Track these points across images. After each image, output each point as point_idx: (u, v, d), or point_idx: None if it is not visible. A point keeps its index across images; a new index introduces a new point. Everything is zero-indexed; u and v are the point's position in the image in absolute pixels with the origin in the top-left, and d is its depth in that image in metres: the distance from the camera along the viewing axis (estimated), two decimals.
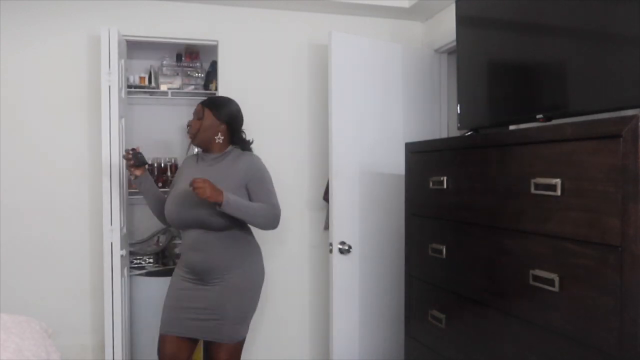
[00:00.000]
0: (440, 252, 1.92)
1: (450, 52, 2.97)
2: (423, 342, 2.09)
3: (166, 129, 3.39)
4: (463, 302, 1.82)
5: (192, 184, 1.89)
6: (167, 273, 2.95)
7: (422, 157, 2.11)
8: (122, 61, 2.65)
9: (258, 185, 2.10)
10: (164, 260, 3.13)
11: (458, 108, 2.12)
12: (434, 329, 1.99)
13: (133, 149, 2.16)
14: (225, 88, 2.87)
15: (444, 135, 3.00)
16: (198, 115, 2.13)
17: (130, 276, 2.84)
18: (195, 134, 2.13)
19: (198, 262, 2.04)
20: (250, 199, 2.09)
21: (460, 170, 1.84)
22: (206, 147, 2.16)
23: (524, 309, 1.51)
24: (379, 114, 2.77)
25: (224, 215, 1.98)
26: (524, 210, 1.50)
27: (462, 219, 1.82)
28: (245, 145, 2.22)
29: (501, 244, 1.61)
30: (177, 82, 3.22)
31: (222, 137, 2.14)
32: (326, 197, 2.77)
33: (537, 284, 1.43)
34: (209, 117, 2.11)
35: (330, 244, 2.60)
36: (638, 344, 1.16)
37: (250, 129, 2.47)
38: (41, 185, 2.66)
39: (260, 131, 2.65)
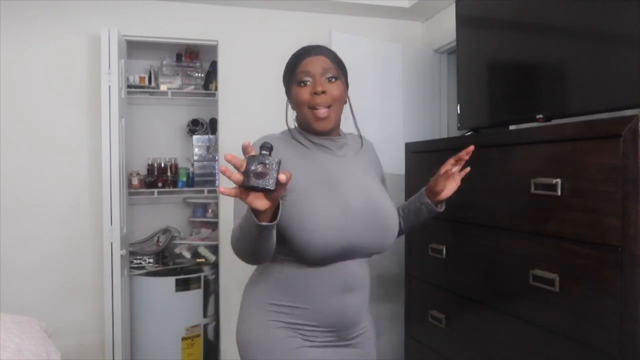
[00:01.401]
0: (440, 252, 1.92)
1: (450, 52, 2.97)
2: (423, 342, 2.09)
3: (166, 129, 3.40)
4: (463, 302, 1.81)
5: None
6: (167, 273, 2.97)
7: (422, 157, 2.11)
8: (122, 61, 2.65)
9: (384, 179, 1.46)
10: (164, 260, 3.13)
11: (458, 108, 2.12)
12: (434, 329, 1.99)
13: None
14: (225, 88, 2.88)
15: (444, 135, 3.00)
16: (332, 74, 1.24)
17: (130, 276, 2.84)
18: (333, 105, 1.24)
19: (352, 308, 1.25)
20: None
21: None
22: (333, 129, 1.28)
23: (524, 309, 1.51)
24: (379, 114, 2.77)
25: None
26: (524, 210, 1.50)
27: (462, 219, 1.82)
28: None
29: (501, 244, 1.61)
30: (177, 82, 3.22)
31: None
32: None
33: (537, 284, 1.43)
34: (342, 79, 1.28)
35: None
36: (638, 344, 1.16)
37: (250, 129, 2.47)
38: (41, 185, 2.66)
39: (260, 131, 2.65)
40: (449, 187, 1.36)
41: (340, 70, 1.28)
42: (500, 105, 1.93)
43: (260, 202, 0.91)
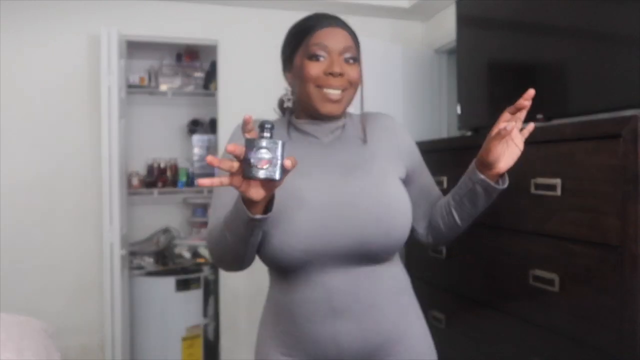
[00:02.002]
0: (440, 252, 1.92)
1: (450, 52, 2.97)
2: None
3: (166, 129, 3.40)
4: (463, 302, 1.81)
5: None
6: (167, 273, 2.97)
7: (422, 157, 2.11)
8: (122, 61, 2.65)
9: (422, 166, 1.19)
10: (164, 260, 3.13)
11: (458, 108, 2.12)
12: (434, 329, 1.98)
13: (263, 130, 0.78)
14: (225, 88, 2.88)
15: (444, 135, 3.00)
16: (352, 54, 1.05)
17: (130, 276, 2.84)
18: (348, 90, 1.05)
19: (347, 338, 0.99)
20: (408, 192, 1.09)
21: (460, 170, 1.82)
22: (340, 115, 1.08)
23: (524, 309, 1.51)
24: None
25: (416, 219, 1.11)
26: (524, 210, 1.50)
27: None
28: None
29: (501, 244, 1.61)
30: (177, 82, 3.22)
31: None
32: None
33: (537, 284, 1.43)
34: (360, 61, 1.10)
35: None
36: (638, 344, 1.16)
37: None
38: (41, 185, 2.66)
39: None
40: (508, 154, 1.00)
41: (358, 50, 1.08)
42: (500, 105, 1.92)
43: (256, 192, 0.77)
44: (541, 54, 1.70)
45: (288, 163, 0.75)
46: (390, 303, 1.02)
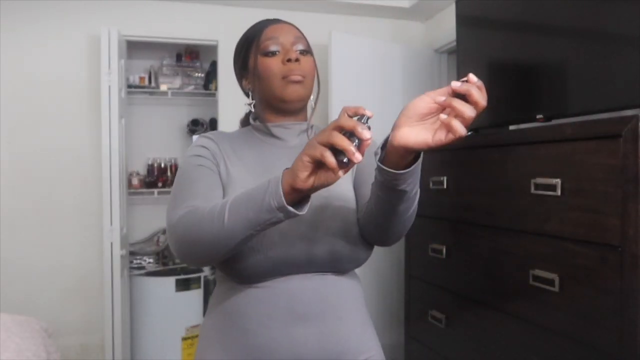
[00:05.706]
0: (440, 252, 1.92)
1: (450, 52, 2.97)
2: (423, 342, 2.09)
3: (166, 129, 3.40)
4: (463, 302, 1.81)
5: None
6: (167, 273, 2.97)
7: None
8: (122, 61, 2.65)
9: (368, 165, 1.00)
10: (164, 260, 3.13)
11: None
12: (434, 329, 1.99)
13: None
14: (225, 88, 2.88)
15: None
16: (304, 46, 1.04)
17: (130, 276, 2.84)
18: (305, 80, 1.01)
19: (307, 347, 0.91)
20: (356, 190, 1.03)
21: (460, 170, 1.84)
22: (305, 100, 1.04)
23: (524, 309, 1.51)
24: (379, 114, 2.75)
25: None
26: (524, 210, 1.50)
27: (462, 219, 1.82)
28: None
29: (501, 244, 1.61)
30: (177, 82, 3.22)
31: None
32: None
33: (537, 284, 1.43)
34: (313, 57, 1.06)
35: None
36: (638, 344, 1.16)
37: None
38: (41, 185, 2.66)
39: None
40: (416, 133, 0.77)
41: (309, 44, 1.06)
42: (500, 105, 1.93)
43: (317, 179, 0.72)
44: (541, 54, 1.70)
45: (359, 157, 0.69)
46: (351, 313, 0.97)
